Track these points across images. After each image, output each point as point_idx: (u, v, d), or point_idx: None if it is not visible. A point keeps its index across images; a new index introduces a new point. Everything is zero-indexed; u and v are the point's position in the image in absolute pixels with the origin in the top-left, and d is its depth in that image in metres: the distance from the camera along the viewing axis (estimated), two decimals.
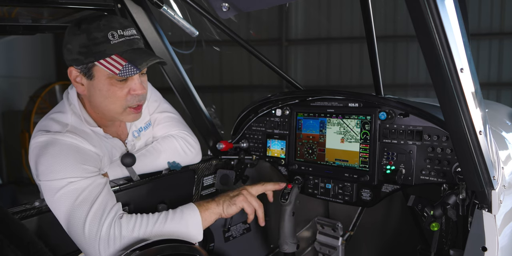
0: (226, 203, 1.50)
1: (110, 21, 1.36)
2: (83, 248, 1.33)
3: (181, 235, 1.40)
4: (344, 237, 2.08)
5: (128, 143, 1.64)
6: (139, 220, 1.36)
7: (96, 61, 1.36)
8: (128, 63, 1.35)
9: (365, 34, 1.55)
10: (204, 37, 2.77)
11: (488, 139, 1.14)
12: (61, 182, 1.32)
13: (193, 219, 1.42)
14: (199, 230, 1.43)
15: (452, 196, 1.30)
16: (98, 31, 1.34)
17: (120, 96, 1.42)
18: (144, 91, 1.46)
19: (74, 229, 1.31)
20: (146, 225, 1.35)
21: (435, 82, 1.03)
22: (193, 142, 1.82)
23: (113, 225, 1.33)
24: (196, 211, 1.44)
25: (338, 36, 9.19)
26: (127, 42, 1.38)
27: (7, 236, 0.77)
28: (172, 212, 1.42)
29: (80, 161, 1.36)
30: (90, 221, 1.31)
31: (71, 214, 1.31)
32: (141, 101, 1.48)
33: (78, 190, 1.32)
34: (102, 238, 1.30)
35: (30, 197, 2.12)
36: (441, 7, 0.89)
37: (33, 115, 7.89)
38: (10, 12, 1.77)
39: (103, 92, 1.41)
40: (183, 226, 1.40)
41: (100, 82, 1.40)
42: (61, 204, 1.32)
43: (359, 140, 1.64)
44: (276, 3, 1.68)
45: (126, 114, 1.48)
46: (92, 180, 1.36)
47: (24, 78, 9.17)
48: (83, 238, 1.31)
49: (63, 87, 8.47)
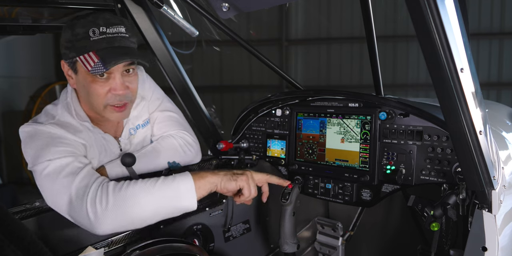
0: (227, 177, 1.45)
1: (96, 18, 1.39)
2: (72, 215, 1.32)
3: (172, 201, 1.35)
4: (344, 237, 2.08)
5: (122, 140, 1.65)
6: (127, 181, 1.36)
7: (77, 56, 1.39)
8: (99, 61, 1.36)
9: (365, 34, 1.55)
10: (204, 37, 2.77)
11: (488, 139, 1.14)
12: (42, 165, 1.36)
13: (186, 185, 1.37)
14: (192, 197, 1.37)
15: (452, 196, 1.30)
16: (81, 27, 1.38)
17: (100, 94, 1.44)
18: (126, 91, 1.46)
19: (61, 199, 1.31)
20: (134, 185, 1.34)
21: (435, 82, 1.03)
22: (193, 142, 1.82)
23: (101, 187, 1.32)
24: (189, 177, 1.39)
25: (338, 36, 9.18)
26: (107, 39, 1.39)
27: (7, 236, 0.77)
28: (164, 177, 1.39)
29: (56, 145, 1.39)
30: (76, 188, 1.31)
31: (58, 186, 1.33)
32: (122, 101, 1.47)
33: (60, 167, 1.35)
34: (90, 199, 1.29)
35: (30, 197, 2.12)
36: (441, 7, 0.89)
37: (33, 115, 7.88)
38: (10, 12, 1.77)
39: (86, 87, 1.45)
40: (174, 190, 1.36)
41: (83, 77, 1.44)
42: (47, 181, 1.35)
43: (359, 140, 1.64)
44: (276, 3, 1.68)
45: (108, 112, 1.48)
46: (72, 158, 1.38)
47: (24, 78, 9.17)
48: (70, 204, 1.30)
49: (63, 87, 8.40)
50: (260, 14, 9.13)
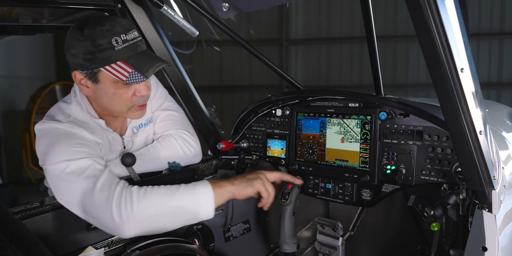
0: (243, 185, 1.48)
1: (113, 26, 1.37)
2: (95, 218, 1.34)
3: (192, 209, 1.39)
4: (344, 237, 2.08)
5: (125, 139, 1.66)
6: (150, 187, 1.39)
7: (102, 67, 1.38)
8: (135, 70, 1.38)
9: (365, 34, 1.55)
10: (204, 37, 2.77)
11: (488, 139, 1.14)
12: (60, 165, 1.36)
13: (205, 194, 1.41)
14: (210, 206, 1.42)
15: (452, 196, 1.30)
16: (102, 38, 1.35)
17: (125, 98, 1.46)
18: (149, 92, 1.52)
19: (80, 201, 1.33)
20: (157, 192, 1.37)
21: (435, 82, 1.03)
22: (193, 142, 1.82)
23: (125, 191, 1.35)
24: (209, 187, 1.43)
25: (338, 36, 9.18)
26: (131, 46, 1.40)
27: (7, 236, 0.77)
28: (185, 185, 1.43)
29: (75, 145, 1.40)
30: (100, 190, 1.33)
31: (78, 188, 1.34)
32: (146, 101, 1.54)
33: (80, 168, 1.36)
34: (115, 202, 1.31)
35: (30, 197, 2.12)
36: (441, 7, 0.89)
37: (34, 115, 7.89)
38: (10, 12, 1.77)
39: (109, 94, 1.45)
40: (194, 198, 1.40)
41: (105, 86, 1.44)
42: (65, 182, 1.35)
43: (359, 140, 1.64)
44: (276, 3, 1.68)
45: (131, 112, 1.53)
46: (92, 160, 1.39)
47: (24, 78, 9.16)
48: (92, 207, 1.32)
49: (63, 87, 8.48)
50: (260, 14, 9.13)
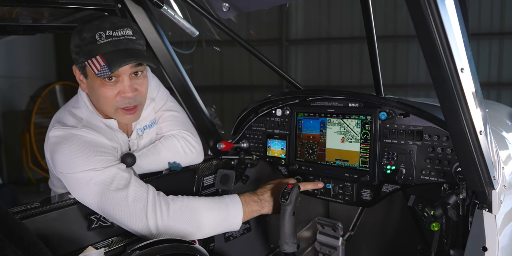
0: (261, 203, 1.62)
1: (103, 21, 1.39)
2: (131, 227, 1.38)
3: (221, 222, 1.50)
4: (345, 237, 2.07)
5: (131, 141, 1.66)
6: (181, 196, 1.47)
7: (86, 61, 1.40)
8: (105, 64, 1.36)
9: (365, 34, 1.55)
10: (204, 37, 2.77)
11: (488, 139, 1.14)
12: (86, 174, 1.36)
13: (235, 211, 1.53)
14: (238, 223, 1.54)
15: (452, 196, 1.30)
16: (88, 32, 1.37)
17: (109, 97, 1.45)
18: (134, 94, 1.47)
19: (113, 210, 1.36)
20: (189, 201, 1.45)
21: (435, 82, 1.03)
22: (195, 143, 1.82)
23: (157, 199, 1.39)
24: (240, 205, 1.54)
25: (338, 36, 9.17)
26: (113, 42, 1.38)
27: (7, 236, 0.77)
28: (218, 198, 1.53)
29: (98, 154, 1.41)
30: (133, 199, 1.36)
31: (111, 203, 1.36)
32: (131, 103, 1.48)
33: (108, 179, 1.37)
34: (150, 211, 1.36)
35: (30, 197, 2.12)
36: (441, 7, 0.89)
37: (34, 115, 7.88)
38: (10, 12, 1.77)
39: (96, 91, 1.45)
40: (225, 213, 1.50)
41: (92, 81, 1.45)
42: (94, 192, 1.36)
43: (359, 140, 1.64)
44: (276, 3, 1.68)
45: (119, 115, 1.50)
46: (117, 169, 1.41)
47: (24, 78, 9.16)
48: (128, 216, 1.36)
49: (63, 87, 8.47)
50: (260, 14, 9.12)
